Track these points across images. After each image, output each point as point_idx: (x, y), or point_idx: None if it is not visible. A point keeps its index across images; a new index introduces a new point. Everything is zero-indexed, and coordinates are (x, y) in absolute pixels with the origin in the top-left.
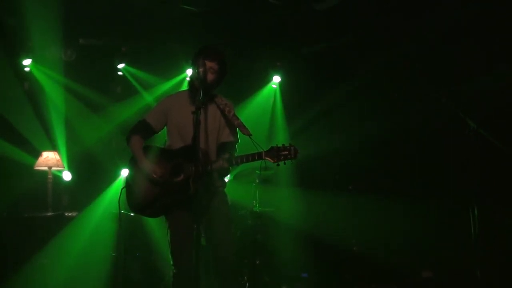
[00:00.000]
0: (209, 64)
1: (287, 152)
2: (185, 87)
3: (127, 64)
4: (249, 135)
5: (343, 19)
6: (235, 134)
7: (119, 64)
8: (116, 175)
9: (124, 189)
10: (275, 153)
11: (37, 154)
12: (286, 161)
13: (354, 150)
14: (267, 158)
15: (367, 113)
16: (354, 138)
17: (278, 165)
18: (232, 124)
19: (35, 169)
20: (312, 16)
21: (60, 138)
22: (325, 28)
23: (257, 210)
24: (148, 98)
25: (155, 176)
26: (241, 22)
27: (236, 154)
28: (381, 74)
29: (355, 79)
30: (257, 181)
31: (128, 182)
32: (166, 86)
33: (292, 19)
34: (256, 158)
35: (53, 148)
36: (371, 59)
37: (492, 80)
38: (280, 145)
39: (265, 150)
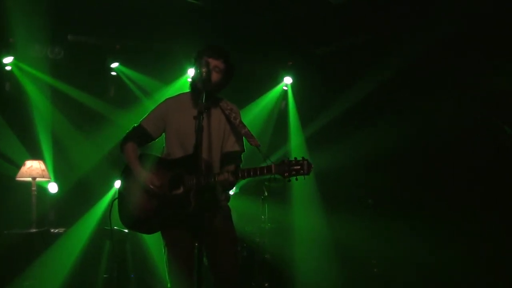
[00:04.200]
0: (214, 62)
1: (299, 167)
2: (186, 89)
3: (121, 63)
4: (258, 146)
5: (357, 18)
6: (241, 143)
7: (112, 63)
8: (108, 187)
9: (116, 201)
10: (287, 167)
11: (19, 164)
12: (298, 177)
13: (372, 159)
14: (277, 173)
15: (385, 120)
16: (372, 147)
17: (289, 181)
18: (239, 132)
19: (17, 180)
20: (324, 15)
21: (45, 146)
22: (339, 28)
23: (266, 227)
24: (145, 101)
25: (152, 187)
26: (247, 20)
27: (241, 165)
28: (403, 76)
29: (372, 82)
30: (266, 193)
31: (122, 194)
32: (165, 88)
33: (304, 19)
34: (265, 172)
35: (36, 156)
36: (390, 59)
37: None
38: (292, 158)
39: (275, 163)
